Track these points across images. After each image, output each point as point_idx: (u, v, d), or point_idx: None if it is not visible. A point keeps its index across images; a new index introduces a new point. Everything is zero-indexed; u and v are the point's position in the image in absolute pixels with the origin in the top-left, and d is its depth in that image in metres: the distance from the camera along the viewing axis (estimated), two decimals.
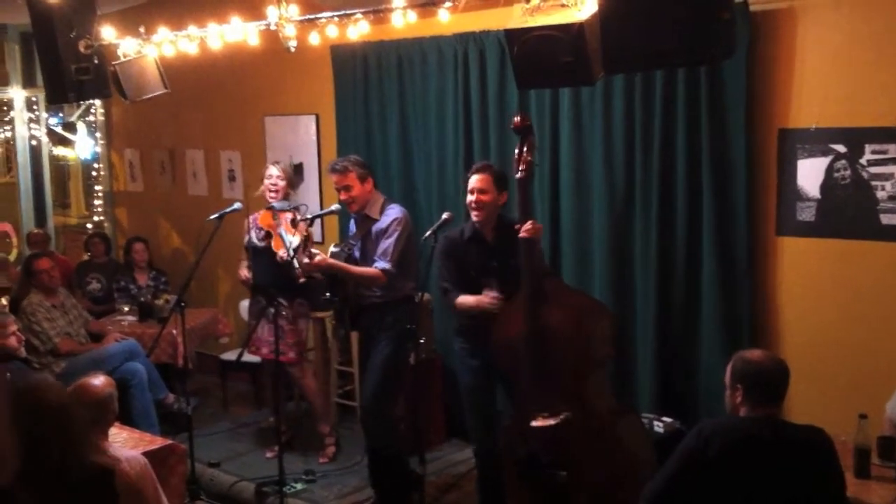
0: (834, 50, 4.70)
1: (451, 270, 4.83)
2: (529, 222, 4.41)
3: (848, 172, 4.70)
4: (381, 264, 5.07)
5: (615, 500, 4.29)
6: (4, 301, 7.59)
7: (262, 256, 5.84)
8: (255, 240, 5.93)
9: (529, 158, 4.45)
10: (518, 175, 4.45)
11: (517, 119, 4.51)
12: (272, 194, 5.87)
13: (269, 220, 5.84)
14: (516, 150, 4.49)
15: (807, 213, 4.85)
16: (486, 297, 4.65)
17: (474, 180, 4.75)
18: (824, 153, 4.76)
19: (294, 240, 5.47)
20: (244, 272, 5.98)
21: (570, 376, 4.35)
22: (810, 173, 4.81)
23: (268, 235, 5.80)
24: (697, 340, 5.20)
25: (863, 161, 4.66)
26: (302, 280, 5.45)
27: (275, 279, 5.58)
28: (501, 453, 4.69)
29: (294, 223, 5.71)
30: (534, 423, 4.32)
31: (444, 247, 4.84)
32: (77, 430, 2.67)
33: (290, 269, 5.36)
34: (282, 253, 5.61)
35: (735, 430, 3.29)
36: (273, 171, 5.93)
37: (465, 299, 4.74)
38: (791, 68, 4.83)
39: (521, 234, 4.40)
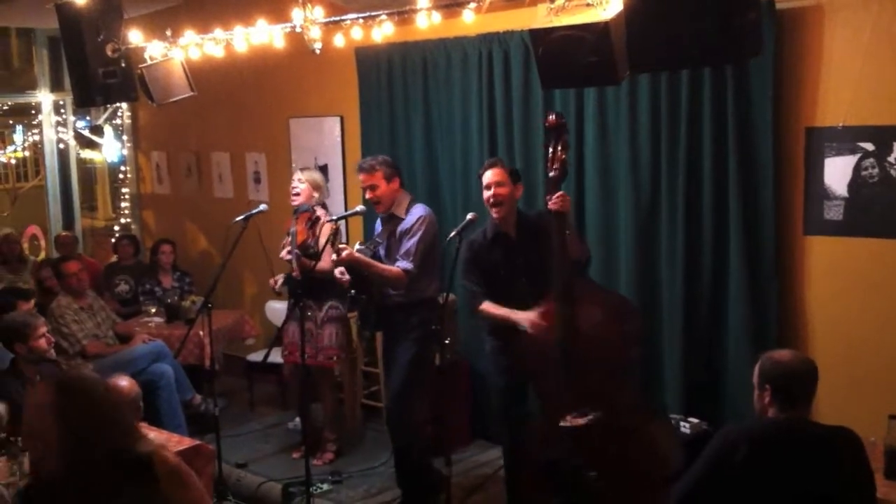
0: (861, 47, 4.66)
1: (476, 274, 4.82)
2: (558, 193, 4.34)
3: (876, 171, 4.66)
4: (403, 264, 5.07)
5: (643, 500, 4.28)
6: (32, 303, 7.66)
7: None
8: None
9: (563, 157, 4.41)
10: (552, 174, 4.41)
11: (552, 118, 4.47)
12: (293, 197, 5.92)
13: (290, 222, 5.91)
14: (549, 149, 4.44)
15: (834, 212, 4.81)
16: (527, 316, 4.49)
17: (490, 175, 4.72)
18: (852, 151, 4.72)
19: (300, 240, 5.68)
20: (271, 280, 6.03)
21: (599, 376, 4.33)
22: (838, 172, 4.78)
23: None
24: (725, 340, 5.17)
25: (891, 159, 4.62)
26: (295, 274, 5.50)
27: (302, 281, 5.61)
28: (527, 453, 4.68)
29: (311, 223, 5.75)
30: (562, 423, 4.31)
31: (468, 251, 4.81)
32: (122, 419, 2.70)
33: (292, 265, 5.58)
34: (284, 252, 5.68)
35: (762, 432, 3.27)
36: (295, 175, 6.01)
37: (495, 309, 4.71)
38: (818, 66, 4.80)
39: (550, 206, 4.34)
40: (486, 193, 4.73)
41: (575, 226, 5.42)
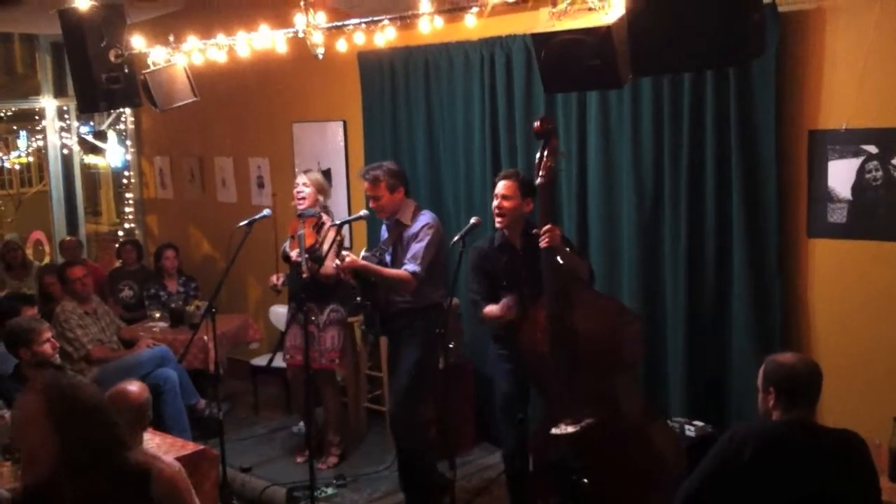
0: (864, 50, 4.66)
1: (481, 282, 4.84)
2: (546, 228, 4.38)
3: (879, 173, 4.66)
4: (411, 267, 5.07)
5: (644, 502, 4.28)
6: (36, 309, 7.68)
7: (291, 263, 5.94)
8: (286, 248, 6.01)
9: (550, 164, 4.43)
10: (538, 181, 4.44)
11: (537, 124, 4.51)
12: (299, 201, 5.93)
13: (295, 225, 5.92)
14: (538, 155, 4.49)
15: (838, 215, 4.81)
16: (498, 307, 4.66)
17: (499, 186, 4.76)
18: (855, 154, 4.72)
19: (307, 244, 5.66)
20: (273, 277, 6.03)
21: (597, 381, 4.33)
22: (841, 174, 4.77)
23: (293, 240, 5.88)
24: (728, 343, 5.16)
25: (894, 161, 4.61)
26: (305, 275, 5.52)
27: (305, 285, 5.62)
28: (527, 458, 4.68)
29: (317, 227, 5.76)
30: (553, 431, 4.32)
31: (475, 259, 4.86)
32: (112, 426, 2.68)
33: (298, 268, 5.59)
34: (294, 254, 5.68)
35: (768, 434, 3.27)
36: (299, 178, 6.01)
37: (490, 309, 4.75)
38: (821, 69, 4.80)
39: (542, 244, 4.40)
40: (494, 203, 4.77)
41: (575, 241, 5.44)
